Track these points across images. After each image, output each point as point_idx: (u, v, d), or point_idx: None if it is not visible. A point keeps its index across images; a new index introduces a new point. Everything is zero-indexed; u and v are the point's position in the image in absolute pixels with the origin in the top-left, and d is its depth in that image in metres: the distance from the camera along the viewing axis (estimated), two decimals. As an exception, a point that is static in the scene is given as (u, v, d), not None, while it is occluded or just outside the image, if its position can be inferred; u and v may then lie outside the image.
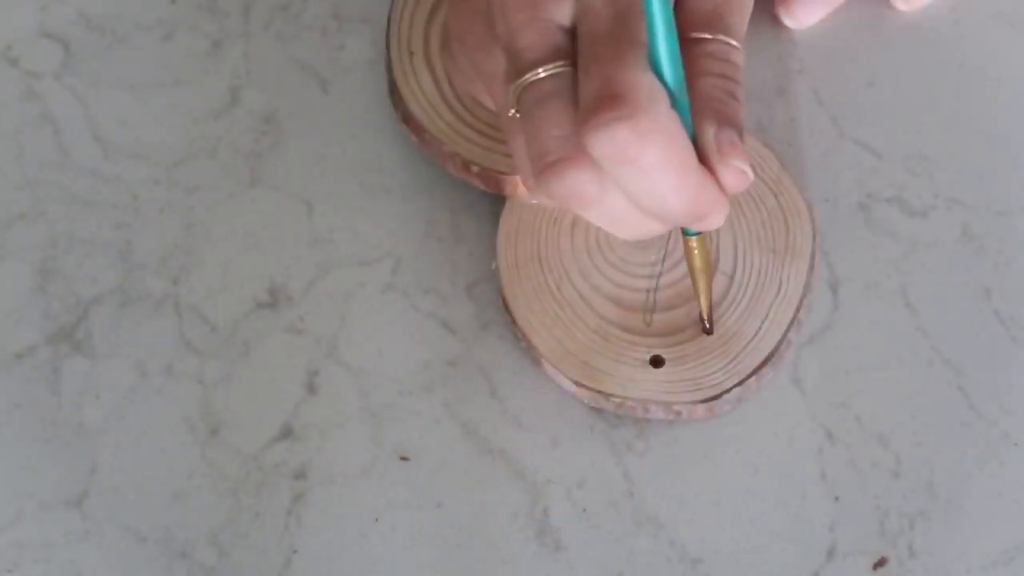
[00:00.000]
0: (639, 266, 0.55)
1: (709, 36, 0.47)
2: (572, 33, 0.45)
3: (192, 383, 0.55)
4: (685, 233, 0.50)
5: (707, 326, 0.53)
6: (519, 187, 0.56)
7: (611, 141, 0.42)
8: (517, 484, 0.54)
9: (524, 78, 0.45)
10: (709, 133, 0.45)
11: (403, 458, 0.54)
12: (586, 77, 0.44)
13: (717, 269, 0.55)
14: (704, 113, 0.45)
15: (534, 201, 0.56)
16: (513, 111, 0.46)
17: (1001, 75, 0.60)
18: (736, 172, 0.45)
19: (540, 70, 0.45)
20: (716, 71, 0.46)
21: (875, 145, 0.59)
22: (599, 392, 0.53)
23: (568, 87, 0.44)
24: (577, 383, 0.53)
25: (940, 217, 0.58)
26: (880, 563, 0.52)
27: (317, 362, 0.56)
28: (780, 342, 0.54)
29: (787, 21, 0.61)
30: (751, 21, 0.61)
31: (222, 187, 0.59)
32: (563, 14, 0.45)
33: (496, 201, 0.57)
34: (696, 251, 0.51)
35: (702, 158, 0.45)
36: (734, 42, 0.48)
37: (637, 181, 0.44)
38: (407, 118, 0.57)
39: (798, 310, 0.54)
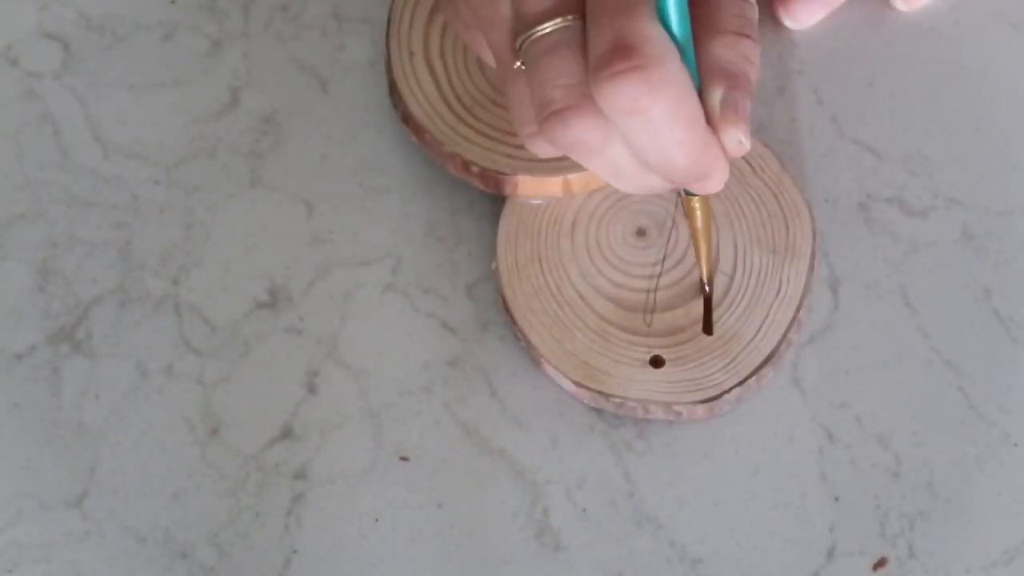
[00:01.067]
0: (639, 266, 0.55)
1: None
2: None
3: (192, 383, 0.55)
4: (687, 193, 0.50)
5: (707, 290, 0.53)
6: (519, 187, 0.56)
7: (623, 91, 0.42)
8: (517, 484, 0.54)
9: (531, 32, 0.45)
10: (716, 95, 0.45)
11: (403, 458, 0.54)
12: (596, 28, 0.43)
13: (717, 269, 0.55)
14: (714, 74, 0.45)
15: (535, 201, 0.56)
16: (519, 63, 0.46)
17: (1001, 75, 0.60)
18: (733, 141, 0.45)
19: (547, 24, 0.44)
20: (733, 28, 0.46)
21: (875, 145, 0.59)
22: (599, 392, 0.53)
23: (575, 38, 0.44)
24: (577, 383, 0.53)
25: (940, 217, 0.58)
26: (880, 563, 0.52)
27: (317, 362, 0.56)
28: (780, 342, 0.54)
29: (787, 22, 0.61)
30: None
31: (222, 187, 0.59)
32: None
33: (496, 201, 0.57)
34: (698, 211, 0.50)
35: (707, 119, 0.45)
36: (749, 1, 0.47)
37: (644, 133, 0.44)
38: (407, 118, 0.57)
39: (798, 310, 0.54)
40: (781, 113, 0.59)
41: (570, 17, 0.44)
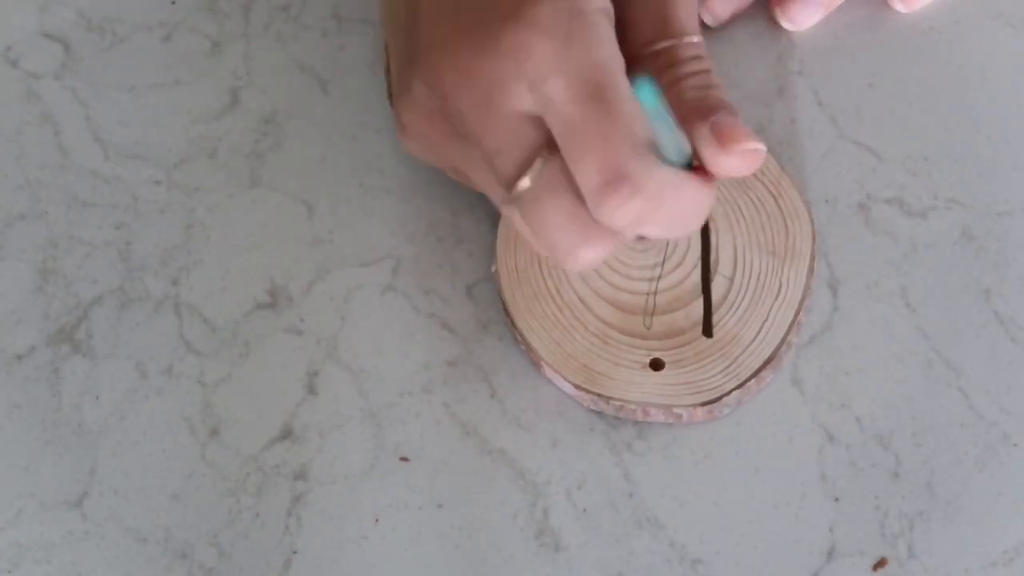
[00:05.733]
0: (638, 269, 0.55)
1: (665, 45, 0.49)
2: (536, 119, 0.46)
3: (192, 383, 0.55)
4: None
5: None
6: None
7: (628, 215, 0.45)
8: (517, 484, 0.54)
9: (513, 191, 0.47)
10: (703, 132, 0.46)
11: (403, 459, 0.54)
12: (579, 163, 0.45)
13: (717, 272, 0.55)
14: (688, 118, 0.47)
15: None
16: (507, 212, 0.48)
17: (1001, 75, 0.60)
18: (749, 153, 0.46)
19: (525, 180, 0.46)
20: (683, 73, 0.48)
21: (875, 145, 0.59)
22: (599, 395, 0.53)
23: (556, 176, 0.46)
24: (577, 386, 0.53)
25: (940, 217, 0.58)
26: (880, 564, 0.52)
27: (317, 362, 0.56)
28: (780, 345, 0.54)
29: (784, 24, 0.60)
30: (750, 23, 0.61)
31: (222, 188, 0.59)
32: (520, 100, 0.46)
33: (496, 202, 0.57)
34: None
35: (704, 159, 0.47)
36: (691, 39, 0.49)
37: (657, 227, 0.46)
38: (406, 121, 0.57)
39: (798, 312, 0.54)
40: (781, 114, 0.59)
41: (543, 155, 0.46)
